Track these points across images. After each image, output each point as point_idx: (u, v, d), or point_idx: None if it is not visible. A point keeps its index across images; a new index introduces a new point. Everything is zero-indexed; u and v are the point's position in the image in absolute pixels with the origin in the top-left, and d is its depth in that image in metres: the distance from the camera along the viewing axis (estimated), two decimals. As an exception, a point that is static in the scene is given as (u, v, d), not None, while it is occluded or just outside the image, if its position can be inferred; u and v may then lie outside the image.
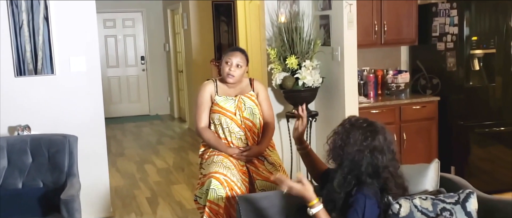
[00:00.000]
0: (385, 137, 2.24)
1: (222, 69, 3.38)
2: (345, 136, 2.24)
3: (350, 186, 2.22)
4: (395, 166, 2.27)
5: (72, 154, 3.57)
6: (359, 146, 2.20)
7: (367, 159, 2.19)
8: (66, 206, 3.10)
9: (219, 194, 3.04)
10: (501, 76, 4.82)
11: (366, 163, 2.19)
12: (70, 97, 4.48)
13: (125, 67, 10.66)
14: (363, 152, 2.19)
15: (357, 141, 2.20)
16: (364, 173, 2.19)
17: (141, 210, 4.91)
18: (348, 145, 2.21)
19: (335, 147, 2.27)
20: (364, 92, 5.09)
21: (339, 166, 2.26)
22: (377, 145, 2.21)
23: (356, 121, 2.28)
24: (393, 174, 2.24)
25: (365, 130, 2.22)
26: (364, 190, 2.17)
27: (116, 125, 9.67)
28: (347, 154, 2.21)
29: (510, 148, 4.88)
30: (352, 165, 2.21)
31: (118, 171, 6.39)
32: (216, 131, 3.37)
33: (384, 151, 2.21)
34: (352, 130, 2.23)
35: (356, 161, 2.20)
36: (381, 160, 2.20)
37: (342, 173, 2.23)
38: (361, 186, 2.19)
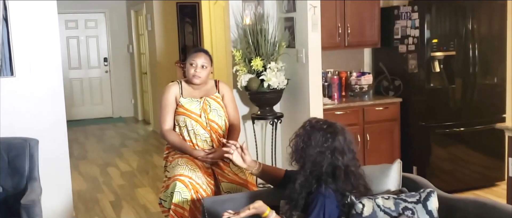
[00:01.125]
0: (345, 137, 2.27)
1: (187, 71, 3.36)
2: (307, 138, 2.26)
3: (311, 186, 2.25)
4: (356, 166, 2.31)
5: (33, 158, 3.49)
6: (320, 147, 2.23)
7: (328, 159, 2.23)
8: (26, 211, 3.02)
9: (184, 197, 3.02)
10: (461, 78, 4.94)
11: (327, 163, 2.22)
12: (30, 100, 4.37)
13: (87, 69, 10.49)
14: (324, 153, 2.23)
15: (318, 143, 2.23)
16: (325, 174, 2.22)
17: (104, 214, 4.83)
18: (310, 147, 2.24)
19: (297, 149, 2.29)
20: (328, 94, 5.14)
21: (301, 167, 2.28)
22: (338, 145, 2.24)
23: (316, 123, 2.30)
24: (355, 173, 2.27)
25: (325, 132, 2.25)
26: (324, 189, 2.20)
27: (78, 128, 9.50)
28: (309, 155, 2.24)
29: (470, 148, 5.01)
30: (314, 166, 2.24)
31: (81, 174, 6.28)
32: (181, 133, 3.34)
33: (344, 151, 2.25)
34: (313, 132, 2.26)
35: (318, 162, 2.23)
36: (342, 160, 2.23)
37: (304, 174, 2.26)
38: (320, 186, 2.21)
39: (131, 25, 9.90)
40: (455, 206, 2.25)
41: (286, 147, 2.42)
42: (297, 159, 2.30)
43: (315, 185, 2.24)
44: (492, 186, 5.08)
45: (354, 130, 4.90)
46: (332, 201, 2.21)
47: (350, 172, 2.25)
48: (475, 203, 2.20)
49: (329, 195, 2.20)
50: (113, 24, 10.35)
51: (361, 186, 2.30)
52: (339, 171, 2.23)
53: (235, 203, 2.67)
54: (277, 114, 4.79)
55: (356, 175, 2.28)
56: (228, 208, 2.61)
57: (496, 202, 2.20)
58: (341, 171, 2.23)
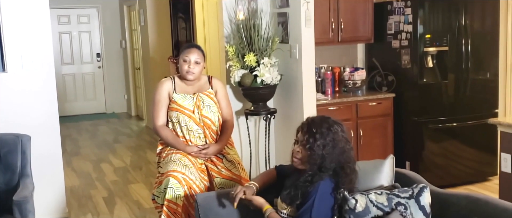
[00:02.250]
0: (343, 132, 2.35)
1: (180, 67, 3.34)
2: (330, 139, 2.28)
3: (312, 180, 2.27)
4: (354, 161, 2.36)
5: (25, 154, 3.47)
6: (346, 144, 2.30)
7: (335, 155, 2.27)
8: (19, 207, 3.01)
9: (177, 193, 3.02)
10: (454, 73, 4.96)
11: (330, 159, 2.26)
12: (22, 96, 4.35)
13: (80, 64, 10.44)
14: (334, 148, 2.27)
15: (342, 140, 2.29)
16: (342, 168, 2.27)
17: (97, 210, 4.82)
18: (336, 147, 2.27)
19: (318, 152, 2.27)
20: (322, 90, 5.14)
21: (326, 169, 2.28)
22: (341, 140, 2.30)
23: (321, 121, 2.33)
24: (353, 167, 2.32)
25: (328, 128, 2.30)
26: (321, 182, 2.21)
27: (71, 124, 9.46)
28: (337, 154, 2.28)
29: (463, 143, 5.03)
30: (339, 163, 2.28)
31: (74, 170, 6.25)
32: (174, 129, 3.34)
33: (346, 145, 2.31)
34: (330, 132, 2.29)
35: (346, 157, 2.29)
36: (347, 154, 2.30)
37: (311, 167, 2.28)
38: (319, 182, 2.21)
39: (124, 20, 9.85)
40: (448, 201, 2.26)
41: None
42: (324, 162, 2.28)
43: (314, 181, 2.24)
44: (485, 181, 5.11)
45: (348, 125, 4.86)
46: (328, 197, 2.21)
47: (351, 164, 2.32)
48: (468, 198, 2.21)
49: (328, 191, 2.21)
50: (106, 19, 10.30)
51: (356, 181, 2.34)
52: (345, 164, 2.29)
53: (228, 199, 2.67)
54: (270, 109, 4.78)
55: (353, 167, 2.34)
56: (221, 204, 2.61)
57: (489, 197, 2.21)
58: (347, 164, 2.29)
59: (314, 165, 2.28)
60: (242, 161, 3.44)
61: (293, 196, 2.28)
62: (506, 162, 3.61)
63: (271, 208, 2.37)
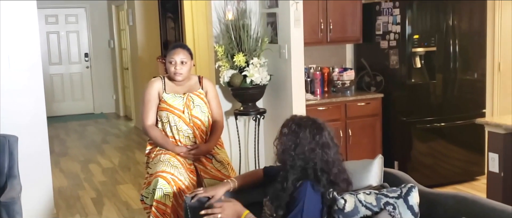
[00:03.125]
0: (328, 131, 2.29)
1: (168, 69, 3.33)
2: (295, 136, 2.25)
3: (298, 182, 2.24)
4: (340, 159, 2.31)
5: (12, 155, 3.44)
6: (310, 144, 2.22)
7: (319, 155, 2.22)
8: (6, 208, 2.99)
9: (166, 193, 3.01)
10: (441, 73, 4.99)
11: (318, 159, 2.22)
12: (9, 96, 4.31)
13: (68, 64, 10.38)
14: (315, 149, 2.22)
15: (308, 139, 2.22)
16: (320, 169, 2.22)
17: (86, 211, 4.79)
18: (300, 145, 2.23)
19: (286, 148, 2.26)
20: (311, 90, 5.15)
21: (291, 167, 2.25)
22: (325, 140, 2.24)
23: (300, 120, 2.30)
24: (340, 168, 2.28)
25: (312, 128, 2.25)
26: (308, 184, 2.19)
27: (59, 124, 9.40)
28: (300, 153, 2.22)
29: (451, 142, 5.06)
30: (306, 164, 2.22)
31: (62, 171, 6.21)
32: (163, 129, 3.32)
33: (330, 145, 2.25)
34: (300, 130, 2.25)
35: (310, 159, 2.22)
36: (330, 154, 2.24)
37: (294, 173, 2.23)
38: (305, 184, 2.19)
39: (112, 20, 9.81)
40: (436, 200, 2.28)
41: (272, 147, 2.39)
42: (286, 159, 2.26)
43: (300, 182, 2.22)
44: (472, 181, 5.15)
45: (336, 125, 4.92)
46: (316, 198, 2.20)
47: (338, 166, 2.26)
48: (456, 198, 2.22)
49: (313, 192, 2.19)
50: (94, 19, 10.24)
51: (345, 181, 2.30)
52: (330, 165, 2.23)
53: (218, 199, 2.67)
54: (260, 109, 4.78)
55: (340, 170, 2.28)
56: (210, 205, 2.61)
57: (476, 196, 2.23)
58: (331, 165, 2.23)
59: (283, 162, 2.27)
60: (232, 162, 3.44)
61: (276, 206, 2.25)
62: (494, 161, 3.64)
63: (249, 214, 2.26)
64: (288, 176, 2.25)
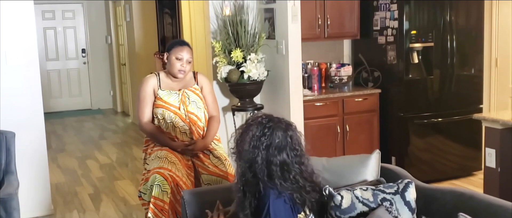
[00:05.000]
0: (287, 133, 2.15)
1: (171, 64, 3.30)
2: (244, 131, 2.19)
3: (253, 186, 2.16)
4: (301, 163, 2.18)
5: (10, 151, 3.43)
6: (254, 141, 2.13)
7: (262, 155, 2.12)
8: (3, 204, 2.98)
9: (164, 190, 3.00)
10: (439, 69, 4.99)
11: (261, 159, 2.12)
12: (6, 92, 4.30)
13: (65, 60, 10.35)
14: (258, 147, 2.12)
15: (253, 137, 2.14)
16: (260, 170, 2.12)
17: (83, 207, 4.79)
18: (245, 141, 2.15)
19: (236, 144, 2.21)
20: (308, 85, 5.15)
21: (239, 164, 2.20)
22: (275, 141, 2.13)
23: (257, 117, 2.22)
24: (296, 172, 2.15)
25: (263, 126, 2.15)
26: (270, 191, 2.12)
27: (56, 120, 9.39)
28: (244, 150, 2.15)
29: (448, 138, 5.07)
30: (248, 162, 2.15)
31: (59, 167, 6.21)
32: (159, 125, 3.32)
33: (284, 147, 2.13)
34: (250, 126, 2.17)
35: (252, 158, 2.13)
36: (279, 157, 2.12)
37: (240, 168, 2.18)
38: (266, 187, 2.13)
39: (109, 15, 9.78)
40: (433, 196, 2.28)
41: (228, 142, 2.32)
42: (235, 154, 2.22)
43: (260, 189, 2.14)
44: (469, 176, 5.16)
45: (334, 121, 4.93)
46: (282, 203, 2.12)
47: (290, 170, 2.14)
48: (453, 193, 2.23)
49: (278, 197, 2.11)
50: (91, 14, 10.22)
51: (305, 187, 2.17)
52: (274, 167, 2.11)
53: (216, 195, 2.67)
54: (257, 105, 4.78)
55: (297, 174, 2.16)
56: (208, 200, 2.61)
57: (474, 192, 2.23)
58: (276, 167, 2.11)
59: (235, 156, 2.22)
60: (229, 157, 3.43)
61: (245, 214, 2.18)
62: (491, 157, 3.64)
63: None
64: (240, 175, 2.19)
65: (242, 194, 2.20)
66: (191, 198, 2.62)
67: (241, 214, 2.21)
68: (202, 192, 2.72)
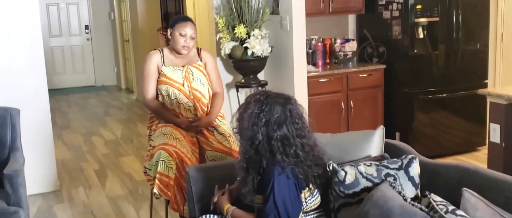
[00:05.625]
0: (286, 108, 2.16)
1: (174, 40, 3.29)
2: (243, 109, 2.19)
3: (256, 162, 2.17)
4: (303, 137, 2.19)
5: (15, 128, 3.44)
6: (254, 118, 2.14)
7: (262, 131, 2.13)
8: (10, 181, 3.01)
9: (169, 166, 3.02)
10: (444, 44, 4.96)
11: (261, 135, 2.13)
12: (10, 69, 4.30)
13: (68, 36, 10.33)
14: (257, 125, 2.13)
15: (252, 113, 2.15)
16: (262, 147, 2.14)
17: (89, 182, 4.83)
18: (244, 120, 2.16)
19: (237, 123, 2.22)
20: (313, 61, 5.13)
21: (240, 140, 2.22)
22: (274, 116, 2.13)
23: (255, 95, 2.22)
24: (297, 147, 2.16)
25: (261, 102, 2.15)
26: (274, 168, 2.13)
27: (61, 97, 9.41)
28: (245, 128, 2.16)
29: (452, 113, 5.06)
30: (249, 139, 2.16)
31: (65, 143, 6.24)
32: (164, 102, 3.32)
33: (284, 122, 2.14)
34: (249, 103, 2.18)
35: (253, 135, 2.14)
36: (278, 132, 2.13)
37: (243, 146, 2.20)
38: (269, 163, 2.14)
39: (112, -9, 9.72)
40: (437, 171, 2.28)
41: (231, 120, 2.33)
42: (238, 132, 2.22)
43: (264, 166, 2.16)
44: (474, 151, 5.16)
45: (338, 97, 4.91)
46: (285, 178, 2.14)
47: (291, 145, 2.15)
48: (457, 168, 2.23)
49: (281, 173, 2.13)
50: (93, -10, 10.16)
51: (307, 161, 2.18)
52: (275, 142, 2.12)
53: (220, 171, 2.68)
54: (261, 81, 4.77)
55: (298, 148, 2.16)
56: (213, 176, 2.62)
57: (478, 167, 2.23)
58: (277, 142, 2.13)
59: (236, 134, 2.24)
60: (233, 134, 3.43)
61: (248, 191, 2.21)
62: (495, 132, 3.64)
63: (231, 207, 2.29)
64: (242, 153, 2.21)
65: (245, 171, 2.22)
66: (196, 174, 2.63)
67: (244, 190, 2.23)
68: (207, 168, 2.73)
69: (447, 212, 1.88)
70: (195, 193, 2.58)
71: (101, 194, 4.52)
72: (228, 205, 2.32)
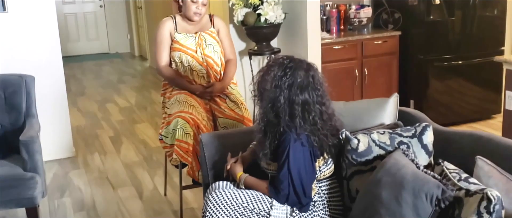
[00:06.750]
0: (309, 73, 2.16)
1: (186, 7, 3.27)
2: (265, 72, 2.19)
3: (274, 126, 2.17)
4: (323, 104, 2.20)
5: (30, 94, 3.48)
6: (277, 81, 2.14)
7: (285, 94, 2.13)
8: (26, 147, 3.05)
9: (187, 132, 3.04)
10: (461, 10, 4.87)
11: (284, 98, 2.13)
12: (24, 36, 4.32)
13: (81, 3, 10.31)
14: (280, 87, 2.13)
15: (275, 76, 2.15)
16: (282, 110, 2.13)
17: (104, 149, 4.89)
18: (267, 81, 2.16)
19: (257, 86, 2.22)
20: (327, 28, 5.08)
21: (261, 104, 2.22)
22: (297, 80, 2.14)
23: (278, 58, 2.21)
24: (316, 112, 2.17)
25: (285, 66, 2.15)
26: (290, 134, 2.14)
27: (75, 64, 9.46)
28: (266, 90, 2.16)
29: (468, 81, 5.00)
30: (271, 101, 2.16)
31: (79, 110, 6.30)
32: (177, 69, 3.32)
33: (305, 87, 2.15)
34: (272, 66, 2.18)
35: (275, 97, 2.14)
36: (301, 96, 2.14)
37: (262, 108, 2.20)
38: (286, 132, 2.14)
39: (125, -43, 9.64)
40: (451, 139, 2.27)
41: (248, 85, 2.33)
42: (257, 95, 2.23)
43: (281, 130, 2.16)
44: (488, 119, 5.13)
45: (352, 64, 4.88)
46: (300, 145, 2.14)
47: (310, 111, 2.16)
48: (471, 136, 2.21)
49: (296, 140, 2.13)
50: (106, -44, 10.09)
51: (323, 129, 2.19)
52: (297, 106, 2.13)
53: (232, 139, 2.69)
54: (274, 49, 4.74)
55: (317, 115, 2.17)
56: (226, 143, 2.64)
57: (492, 135, 2.22)
58: (298, 106, 2.14)
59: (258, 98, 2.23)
60: (245, 101, 3.44)
61: (265, 154, 2.22)
62: (511, 99, 3.60)
63: (244, 174, 2.32)
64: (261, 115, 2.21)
65: (263, 134, 2.23)
66: (209, 141, 2.65)
67: (260, 154, 2.25)
68: (220, 135, 2.74)
69: (460, 180, 1.87)
70: (208, 159, 2.61)
71: (116, 160, 4.58)
72: (241, 173, 2.35)
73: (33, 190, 3.01)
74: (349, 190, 2.26)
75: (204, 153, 2.63)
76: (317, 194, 2.27)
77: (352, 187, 2.24)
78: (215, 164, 2.59)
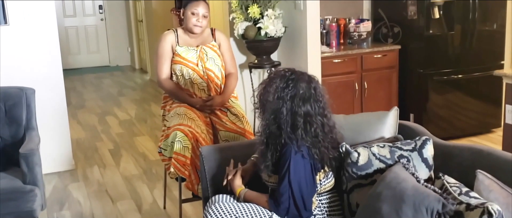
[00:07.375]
0: (311, 85, 2.18)
1: (186, 20, 3.30)
2: (268, 84, 2.20)
3: (276, 137, 2.17)
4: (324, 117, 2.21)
5: (30, 107, 3.48)
6: (279, 92, 2.15)
7: (287, 106, 2.14)
8: (25, 160, 3.05)
9: (185, 145, 3.04)
10: (460, 24, 4.89)
11: (286, 110, 2.14)
12: (25, 48, 4.33)
13: (82, 16, 10.35)
14: (283, 99, 2.14)
15: (278, 88, 2.16)
16: (284, 122, 2.14)
17: (104, 162, 4.88)
18: (269, 94, 2.17)
19: (259, 98, 2.23)
20: (327, 42, 5.09)
21: (263, 117, 2.22)
22: (299, 92, 2.15)
23: (280, 70, 2.23)
24: (317, 125, 2.18)
25: (287, 78, 2.17)
26: (291, 146, 2.14)
27: (75, 77, 9.48)
28: (269, 102, 2.17)
29: (467, 94, 5.01)
30: (273, 113, 2.17)
31: (79, 123, 6.30)
32: (178, 82, 3.33)
33: (307, 99, 2.16)
34: (274, 78, 2.19)
35: (277, 109, 2.15)
36: (303, 108, 2.15)
37: (264, 120, 2.20)
38: (288, 144, 2.15)
39: (126, -29, 9.70)
40: (451, 153, 2.27)
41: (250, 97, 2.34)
42: (259, 107, 2.25)
43: (282, 142, 2.16)
44: (488, 133, 5.12)
45: (352, 77, 4.88)
46: (300, 158, 2.14)
47: (312, 123, 2.17)
48: (471, 150, 2.21)
49: (297, 152, 2.14)
50: (107, -30, 10.15)
51: (324, 142, 2.19)
52: (299, 118, 2.14)
53: (233, 152, 2.69)
54: (274, 62, 4.75)
55: (318, 127, 2.18)
56: (226, 156, 2.63)
57: (492, 149, 2.22)
58: (301, 118, 2.14)
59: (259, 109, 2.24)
60: (246, 115, 3.44)
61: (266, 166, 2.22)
62: (511, 114, 3.60)
63: (244, 190, 2.32)
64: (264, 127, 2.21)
65: (265, 146, 2.23)
66: (209, 154, 2.64)
67: (262, 165, 2.25)
68: (220, 148, 2.74)
69: (461, 194, 1.87)
70: (208, 172, 2.60)
71: (115, 173, 4.57)
72: (240, 188, 2.34)
73: (32, 203, 3.00)
74: (349, 204, 2.25)
75: (204, 166, 2.62)
76: (317, 207, 2.26)
77: (352, 201, 2.24)
78: (215, 177, 2.59)
